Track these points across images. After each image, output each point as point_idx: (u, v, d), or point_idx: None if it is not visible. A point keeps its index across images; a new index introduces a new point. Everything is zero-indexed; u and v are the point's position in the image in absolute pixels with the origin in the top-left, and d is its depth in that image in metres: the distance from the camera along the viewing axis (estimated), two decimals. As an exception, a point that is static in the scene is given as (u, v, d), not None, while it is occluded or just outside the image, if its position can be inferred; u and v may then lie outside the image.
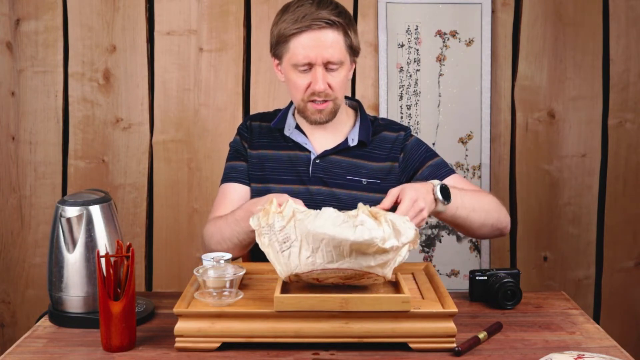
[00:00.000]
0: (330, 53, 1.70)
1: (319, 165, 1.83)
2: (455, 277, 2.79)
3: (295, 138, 1.86)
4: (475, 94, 2.76)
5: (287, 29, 1.71)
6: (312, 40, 1.70)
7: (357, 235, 1.34)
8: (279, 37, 1.74)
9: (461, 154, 2.77)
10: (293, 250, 1.38)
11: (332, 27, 1.70)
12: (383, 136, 1.87)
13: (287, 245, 1.39)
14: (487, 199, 1.77)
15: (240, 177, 1.89)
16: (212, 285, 1.45)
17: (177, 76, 2.77)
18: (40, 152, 2.77)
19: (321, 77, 1.72)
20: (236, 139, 1.94)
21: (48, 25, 2.73)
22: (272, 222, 1.41)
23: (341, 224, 1.36)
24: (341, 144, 1.84)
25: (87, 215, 1.54)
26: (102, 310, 1.41)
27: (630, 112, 2.79)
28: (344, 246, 1.35)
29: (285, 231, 1.39)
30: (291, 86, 1.78)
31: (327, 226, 1.35)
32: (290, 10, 1.73)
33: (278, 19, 1.76)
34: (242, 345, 1.40)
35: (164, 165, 2.79)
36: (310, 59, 1.71)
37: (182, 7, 2.74)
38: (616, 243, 2.83)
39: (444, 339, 1.40)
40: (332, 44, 1.70)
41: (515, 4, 2.76)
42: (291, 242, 1.38)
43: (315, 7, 1.70)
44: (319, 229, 1.35)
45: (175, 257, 2.81)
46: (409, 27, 2.75)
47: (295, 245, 1.38)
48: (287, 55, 1.74)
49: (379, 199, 1.78)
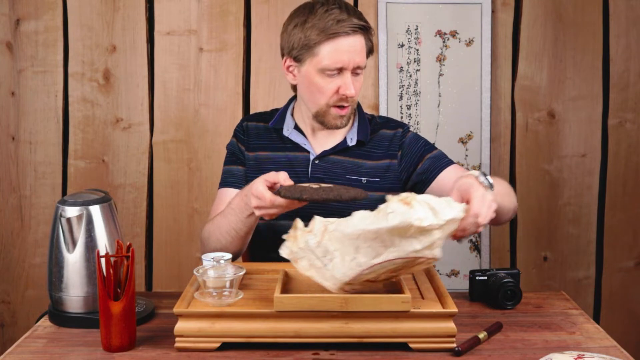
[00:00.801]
0: (360, 58, 1.73)
1: (318, 165, 1.83)
2: (455, 277, 2.79)
3: (294, 138, 1.85)
4: (475, 94, 2.76)
5: (321, 33, 1.70)
6: (347, 46, 1.71)
7: (390, 222, 1.29)
8: (307, 41, 1.72)
9: (461, 154, 2.77)
10: (335, 261, 1.36)
11: (361, 33, 1.74)
12: (381, 134, 1.87)
13: (328, 258, 1.37)
14: (505, 183, 1.74)
15: (236, 182, 1.88)
16: (212, 285, 1.45)
17: (177, 76, 2.77)
18: (40, 152, 2.77)
19: (351, 82, 1.74)
20: (232, 141, 1.93)
21: (48, 25, 2.73)
22: (305, 242, 1.39)
23: (372, 217, 1.32)
24: (340, 144, 1.84)
25: (87, 215, 1.54)
26: (102, 310, 1.41)
27: (630, 112, 2.79)
28: (382, 236, 1.31)
29: (322, 245, 1.37)
30: (315, 90, 1.77)
31: (359, 224, 1.32)
32: (317, 14, 1.72)
33: (301, 21, 1.74)
34: (242, 345, 1.40)
35: (164, 165, 2.79)
36: (344, 63, 1.71)
37: (182, 7, 2.74)
38: (616, 243, 2.83)
39: (444, 339, 1.40)
40: (362, 48, 1.74)
41: (515, 4, 2.76)
42: (331, 253, 1.36)
43: (346, 13, 1.72)
44: (352, 228, 1.33)
45: (175, 257, 2.81)
46: (409, 27, 2.75)
47: (336, 255, 1.36)
48: (315, 59, 1.73)
49: (379, 197, 1.79)
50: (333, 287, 1.39)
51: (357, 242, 1.33)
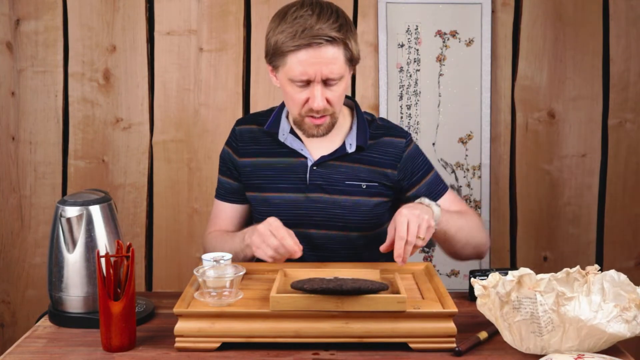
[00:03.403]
0: (330, 70, 1.61)
1: (316, 172, 1.78)
2: (455, 277, 2.79)
3: (291, 144, 1.79)
4: (475, 94, 2.76)
5: (285, 43, 1.61)
6: (311, 57, 1.60)
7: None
8: (276, 49, 1.64)
9: (461, 154, 2.77)
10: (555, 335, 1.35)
11: (332, 43, 1.61)
12: (383, 141, 1.81)
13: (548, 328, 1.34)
14: (474, 221, 1.78)
15: (227, 195, 1.88)
16: (212, 285, 1.45)
17: (177, 76, 2.77)
18: (40, 152, 2.77)
19: (320, 94, 1.64)
20: (225, 150, 1.88)
21: (48, 25, 2.73)
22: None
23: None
24: (338, 150, 1.78)
25: (87, 215, 1.54)
26: (102, 310, 1.41)
27: (630, 112, 2.79)
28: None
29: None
30: (288, 99, 1.71)
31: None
32: (287, 19, 1.62)
33: (275, 26, 1.65)
34: (242, 345, 1.40)
35: (164, 165, 2.79)
36: (309, 76, 1.62)
37: (182, 7, 2.74)
38: (616, 243, 2.83)
39: (444, 339, 1.39)
40: (332, 60, 1.61)
41: (515, 4, 2.76)
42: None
43: (316, 19, 1.60)
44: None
45: (175, 257, 2.81)
46: (409, 27, 2.75)
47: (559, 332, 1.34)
48: (284, 68, 1.65)
49: (378, 203, 1.79)
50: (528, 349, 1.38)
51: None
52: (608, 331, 1.31)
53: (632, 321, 1.33)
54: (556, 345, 1.34)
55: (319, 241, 1.78)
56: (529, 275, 1.33)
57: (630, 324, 1.33)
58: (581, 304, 1.31)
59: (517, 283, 1.33)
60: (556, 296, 1.31)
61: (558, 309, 1.31)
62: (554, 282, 1.32)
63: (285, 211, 1.76)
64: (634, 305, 1.34)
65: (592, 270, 1.42)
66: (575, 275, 1.41)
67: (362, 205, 1.77)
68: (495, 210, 2.80)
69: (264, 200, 1.80)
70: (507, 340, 1.41)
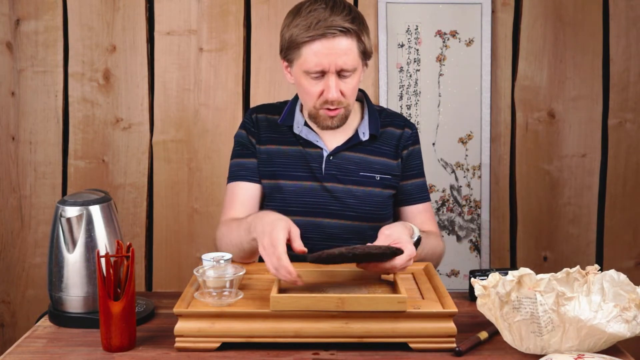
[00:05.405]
0: (343, 61, 1.66)
1: (332, 162, 1.82)
2: (455, 277, 2.79)
3: (306, 136, 1.83)
4: (475, 94, 2.76)
5: (299, 35, 1.66)
6: (326, 48, 1.65)
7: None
8: (290, 42, 1.69)
9: (461, 154, 2.77)
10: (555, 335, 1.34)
11: (346, 34, 1.65)
12: (389, 132, 1.87)
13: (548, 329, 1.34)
14: (439, 243, 1.87)
15: (249, 175, 1.84)
16: (212, 285, 1.45)
17: (177, 76, 2.77)
18: (40, 152, 2.77)
19: (334, 85, 1.68)
20: (242, 133, 1.88)
21: (48, 25, 2.73)
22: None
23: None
24: (352, 139, 1.83)
25: (87, 215, 1.54)
26: (102, 310, 1.41)
27: (630, 112, 2.79)
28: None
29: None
30: (303, 92, 1.75)
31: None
32: (302, 14, 1.67)
33: (289, 21, 1.70)
34: (242, 345, 1.40)
35: (164, 165, 2.79)
36: (324, 66, 1.66)
37: (182, 7, 2.74)
38: (616, 243, 2.83)
39: (444, 339, 1.40)
40: (345, 51, 1.66)
41: (515, 4, 2.76)
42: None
43: (329, 12, 1.65)
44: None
45: (175, 257, 2.81)
46: (409, 27, 2.75)
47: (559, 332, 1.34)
48: (299, 60, 1.69)
49: (389, 195, 1.85)
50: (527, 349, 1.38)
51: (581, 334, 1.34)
52: (608, 331, 1.31)
53: (632, 321, 1.33)
54: (556, 345, 1.34)
55: (331, 230, 1.81)
56: (529, 275, 1.33)
57: (630, 324, 1.33)
58: (581, 304, 1.31)
59: (517, 283, 1.33)
60: (556, 296, 1.31)
61: (558, 309, 1.31)
62: (554, 282, 1.32)
63: (298, 199, 1.80)
64: (634, 305, 1.33)
65: (592, 270, 1.42)
66: (575, 275, 1.41)
67: (375, 196, 1.82)
68: (495, 210, 2.80)
69: (278, 188, 1.81)
70: (507, 340, 1.41)
